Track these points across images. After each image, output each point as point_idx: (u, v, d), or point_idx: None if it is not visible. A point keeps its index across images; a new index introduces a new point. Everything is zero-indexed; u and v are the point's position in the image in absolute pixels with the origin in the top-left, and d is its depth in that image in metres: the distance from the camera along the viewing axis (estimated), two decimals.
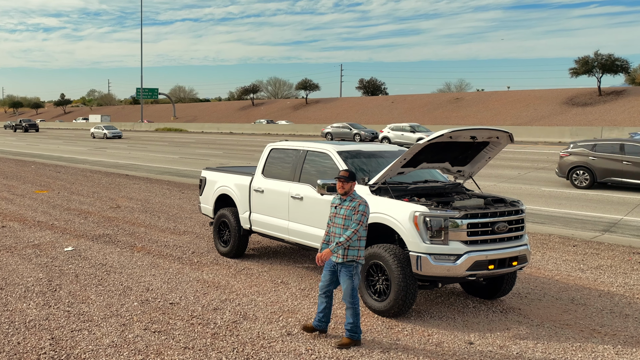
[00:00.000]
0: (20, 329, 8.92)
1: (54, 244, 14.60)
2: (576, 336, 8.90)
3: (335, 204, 8.54)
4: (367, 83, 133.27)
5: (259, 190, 12.37)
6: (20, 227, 16.65)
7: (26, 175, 30.67)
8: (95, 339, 8.55)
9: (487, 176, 28.07)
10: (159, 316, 9.51)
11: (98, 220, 17.88)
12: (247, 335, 8.73)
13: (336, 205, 8.52)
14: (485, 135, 10.22)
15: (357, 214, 8.30)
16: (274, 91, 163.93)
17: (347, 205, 8.38)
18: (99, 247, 14.29)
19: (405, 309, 9.42)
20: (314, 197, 10.93)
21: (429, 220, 9.06)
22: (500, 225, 9.41)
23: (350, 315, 8.36)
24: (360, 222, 8.28)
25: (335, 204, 8.53)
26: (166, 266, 12.60)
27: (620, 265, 12.96)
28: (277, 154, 12.34)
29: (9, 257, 13.19)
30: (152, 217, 18.52)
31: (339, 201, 8.51)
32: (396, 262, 9.20)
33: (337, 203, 8.52)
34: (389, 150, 11.75)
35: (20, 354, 8.03)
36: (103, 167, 35.75)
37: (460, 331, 9.04)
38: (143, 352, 8.08)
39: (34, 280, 11.49)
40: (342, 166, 10.68)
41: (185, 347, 8.29)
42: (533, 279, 11.93)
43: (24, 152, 49.78)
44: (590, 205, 20.54)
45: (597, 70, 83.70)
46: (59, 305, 10.00)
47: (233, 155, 44.34)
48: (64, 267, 12.44)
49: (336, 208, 8.51)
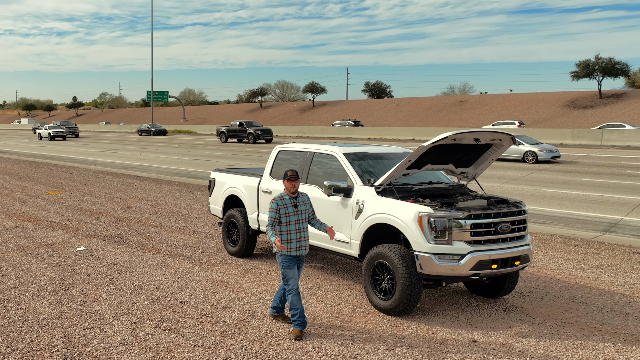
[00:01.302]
0: (34, 327, 8.94)
1: (66, 243, 14.63)
2: (577, 334, 8.89)
3: (288, 204, 8.81)
4: (372, 86, 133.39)
5: (267, 192, 12.36)
6: (34, 227, 16.69)
7: (39, 177, 30.74)
8: (107, 336, 8.56)
9: (490, 177, 28.04)
10: (169, 314, 9.52)
11: (109, 220, 17.91)
12: (256, 333, 8.73)
13: (289, 205, 8.82)
14: (488, 138, 10.21)
15: (311, 206, 9.12)
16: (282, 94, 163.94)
17: (303, 201, 8.97)
18: (110, 246, 14.32)
19: (410, 308, 9.42)
20: (321, 197, 10.92)
21: (434, 220, 9.05)
22: (503, 226, 9.40)
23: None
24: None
25: (288, 205, 8.81)
26: (176, 265, 12.61)
27: (620, 265, 12.93)
28: (285, 156, 12.34)
29: (22, 257, 13.22)
30: (162, 217, 18.54)
31: (292, 200, 8.86)
32: (401, 262, 9.21)
33: (291, 203, 8.85)
34: (394, 152, 11.74)
35: (33, 351, 8.04)
36: (114, 169, 35.79)
37: (464, 329, 9.04)
38: (154, 350, 8.09)
39: (47, 279, 11.52)
40: (348, 168, 10.69)
41: (195, 344, 8.30)
42: (535, 278, 11.91)
43: (37, 154, 49.89)
44: (591, 206, 20.50)
45: (598, 74, 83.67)
46: (71, 304, 10.01)
47: (242, 157, 44.34)
48: (76, 266, 12.46)
49: (296, 207, 8.85)
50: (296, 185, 8.82)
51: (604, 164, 35.75)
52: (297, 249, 8.81)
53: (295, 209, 8.82)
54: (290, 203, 8.80)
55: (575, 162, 37.43)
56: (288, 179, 8.78)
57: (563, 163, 36.72)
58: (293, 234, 8.78)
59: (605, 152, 45.21)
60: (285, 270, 8.82)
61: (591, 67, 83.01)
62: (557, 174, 30.40)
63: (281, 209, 8.74)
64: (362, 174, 10.57)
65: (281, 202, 8.76)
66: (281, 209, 8.74)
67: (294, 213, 8.79)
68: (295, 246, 8.79)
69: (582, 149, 48.01)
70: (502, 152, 10.72)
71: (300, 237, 8.83)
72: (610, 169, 32.06)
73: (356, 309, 9.89)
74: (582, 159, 38.97)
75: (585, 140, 55.00)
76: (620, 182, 27.13)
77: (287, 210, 8.75)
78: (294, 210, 8.81)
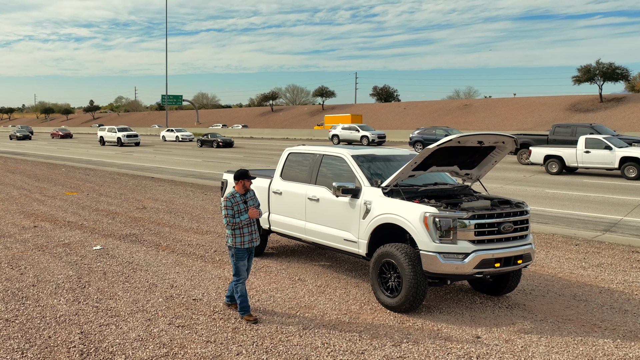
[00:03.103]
0: (51, 323, 8.96)
1: (83, 243, 14.66)
2: (578, 330, 8.87)
3: (239, 201, 9.31)
4: (380, 90, 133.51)
5: (277, 192, 12.38)
6: (52, 227, 16.74)
7: (57, 178, 30.83)
8: (122, 333, 8.58)
9: (493, 179, 27.99)
10: (183, 311, 9.54)
11: (125, 220, 17.96)
12: (266, 330, 8.74)
13: (240, 202, 9.31)
14: (491, 140, 10.20)
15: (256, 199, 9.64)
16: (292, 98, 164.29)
17: (251, 197, 9.50)
18: (125, 246, 14.35)
19: (416, 305, 9.42)
20: (330, 198, 10.93)
21: (439, 220, 9.05)
22: (506, 226, 9.39)
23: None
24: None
25: (239, 202, 9.30)
26: (189, 264, 12.63)
27: (620, 264, 12.90)
28: (295, 158, 12.35)
29: (40, 256, 13.26)
30: (176, 217, 18.57)
31: (242, 198, 9.38)
32: (407, 260, 9.21)
33: (242, 200, 9.36)
34: (401, 155, 11.73)
35: (51, 347, 8.07)
36: (130, 170, 35.86)
37: (468, 326, 9.03)
38: (167, 346, 8.11)
39: (64, 277, 11.55)
40: (356, 169, 10.70)
41: (208, 340, 8.31)
42: (537, 276, 11.89)
43: (55, 156, 50.03)
44: (591, 207, 20.44)
45: (599, 78, 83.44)
46: (87, 301, 10.04)
47: (253, 159, 44.38)
48: (92, 265, 12.50)
49: (245, 203, 9.34)
50: (247, 185, 9.39)
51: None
52: (250, 242, 9.31)
53: (245, 205, 9.34)
54: (241, 200, 9.33)
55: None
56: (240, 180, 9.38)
57: None
58: (245, 229, 9.29)
59: None
60: (238, 262, 9.31)
61: (592, 71, 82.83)
62: (559, 175, 30.30)
63: (234, 206, 9.19)
64: (370, 175, 10.58)
65: (233, 200, 9.26)
66: (234, 206, 9.19)
67: (245, 210, 9.27)
68: (248, 239, 9.31)
69: None
70: (506, 154, 10.72)
71: (251, 230, 9.36)
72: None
73: (364, 306, 9.89)
74: None
75: None
76: (620, 183, 27.04)
77: (239, 207, 9.22)
78: (245, 207, 9.33)
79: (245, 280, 9.39)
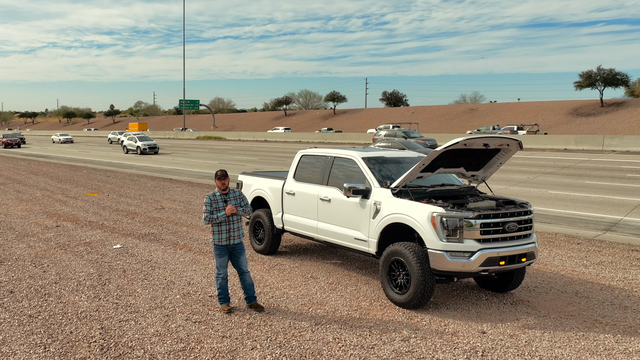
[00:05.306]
0: (73, 319, 8.99)
1: (103, 242, 14.70)
2: (580, 326, 8.83)
3: (219, 199, 9.40)
4: (390, 95, 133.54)
5: (290, 193, 12.38)
6: (73, 227, 16.79)
7: (78, 179, 30.94)
8: (141, 328, 8.60)
9: (498, 180, 27.90)
10: (199, 308, 9.55)
11: (144, 220, 17.99)
12: (280, 325, 8.74)
13: (220, 200, 9.40)
14: (497, 143, 10.18)
15: (244, 199, 9.68)
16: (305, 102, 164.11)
17: (234, 196, 9.53)
18: (144, 244, 14.38)
19: (424, 302, 9.40)
20: (341, 199, 10.92)
21: (446, 220, 9.04)
22: (511, 225, 9.36)
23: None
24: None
25: (219, 200, 9.39)
26: (206, 262, 12.64)
27: (620, 262, 12.84)
28: (307, 160, 12.35)
29: (62, 254, 13.30)
30: (193, 217, 18.58)
31: (223, 196, 9.45)
32: (416, 259, 9.20)
33: (222, 198, 9.44)
34: (409, 157, 11.72)
35: (72, 342, 8.09)
36: (149, 172, 35.96)
37: (474, 321, 9.00)
38: (184, 341, 8.11)
39: (85, 275, 11.58)
40: (366, 171, 10.69)
41: (223, 336, 8.31)
42: (540, 273, 11.84)
43: (77, 158, 50.20)
44: (592, 207, 20.34)
45: (600, 84, 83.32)
46: (108, 298, 10.06)
47: (267, 161, 44.37)
48: (112, 263, 12.52)
49: (225, 202, 9.40)
50: (225, 183, 9.40)
51: (605, 167, 35.47)
52: (227, 239, 9.38)
53: (225, 204, 9.38)
54: (220, 198, 9.42)
55: (578, 166, 37.15)
56: (218, 178, 9.39)
57: (567, 167, 36.42)
58: (223, 226, 9.36)
59: (607, 156, 44.85)
60: (218, 259, 9.43)
61: (593, 77, 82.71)
62: (561, 177, 30.17)
63: (213, 203, 9.30)
64: (380, 176, 10.57)
65: (213, 197, 9.39)
66: (213, 204, 9.30)
67: (224, 208, 9.31)
68: (226, 236, 9.38)
69: (584, 154, 47.66)
70: (510, 157, 10.69)
71: (230, 228, 9.40)
72: (611, 172, 31.80)
73: (374, 303, 9.88)
74: (585, 163, 38.68)
75: (588, 146, 54.60)
76: (620, 184, 26.90)
77: (217, 205, 9.30)
78: (224, 205, 9.37)
79: (227, 276, 9.47)
